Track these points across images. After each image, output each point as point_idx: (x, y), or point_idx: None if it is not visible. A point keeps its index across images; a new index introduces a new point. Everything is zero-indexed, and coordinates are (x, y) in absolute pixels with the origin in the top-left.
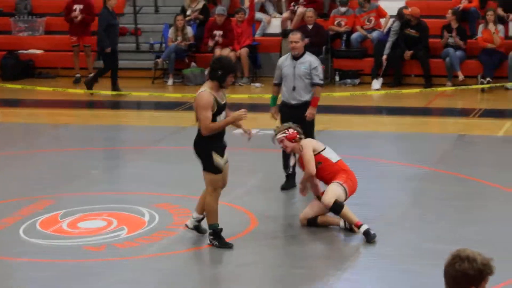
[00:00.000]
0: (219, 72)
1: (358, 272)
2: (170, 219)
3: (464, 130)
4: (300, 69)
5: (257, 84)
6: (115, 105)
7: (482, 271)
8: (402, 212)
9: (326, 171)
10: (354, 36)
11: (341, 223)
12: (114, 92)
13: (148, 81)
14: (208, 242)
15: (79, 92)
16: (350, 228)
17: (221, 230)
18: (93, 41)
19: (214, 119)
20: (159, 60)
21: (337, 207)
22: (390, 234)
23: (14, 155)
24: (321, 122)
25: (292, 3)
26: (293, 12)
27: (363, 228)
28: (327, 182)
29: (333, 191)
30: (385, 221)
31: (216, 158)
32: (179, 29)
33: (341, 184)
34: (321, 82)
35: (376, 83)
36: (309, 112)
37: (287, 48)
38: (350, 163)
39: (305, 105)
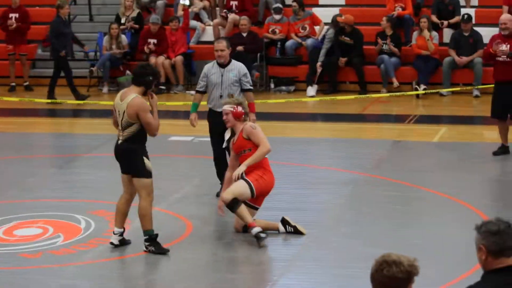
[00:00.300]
0: (150, 78)
1: (294, 277)
2: (106, 226)
3: (400, 136)
4: (229, 76)
5: (192, 92)
6: (50, 113)
7: (410, 272)
8: (337, 217)
9: None
10: (288, 43)
11: (280, 227)
12: (49, 100)
13: (83, 89)
14: (144, 248)
15: (14, 100)
16: (295, 231)
17: (156, 235)
18: (29, 49)
19: None
20: (94, 68)
21: (233, 205)
22: (326, 239)
23: None
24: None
25: (224, 10)
26: (225, 18)
27: (255, 230)
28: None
29: (236, 188)
30: (321, 226)
31: (148, 162)
32: (113, 37)
33: (249, 183)
34: (252, 87)
35: (311, 90)
36: (252, 118)
37: None
38: (285, 169)
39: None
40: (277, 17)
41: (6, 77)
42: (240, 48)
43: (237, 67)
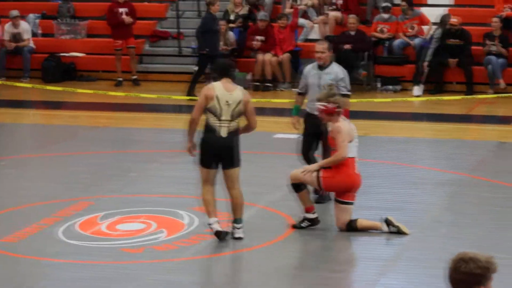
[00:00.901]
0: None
1: (393, 277)
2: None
3: (504, 138)
4: (325, 79)
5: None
6: (155, 108)
7: (488, 268)
8: (438, 217)
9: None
10: (396, 42)
11: (383, 227)
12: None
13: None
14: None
15: (120, 94)
16: (398, 231)
17: None
18: (137, 44)
19: None
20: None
21: (296, 187)
22: (426, 239)
23: (55, 157)
24: (361, 127)
25: (329, 8)
26: (327, 16)
27: (307, 216)
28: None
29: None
30: (421, 226)
31: None
32: (221, 34)
33: (318, 176)
34: (349, 93)
35: (417, 90)
36: None
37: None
38: (388, 168)
39: None
40: (386, 16)
41: (112, 71)
42: (347, 46)
43: (335, 71)
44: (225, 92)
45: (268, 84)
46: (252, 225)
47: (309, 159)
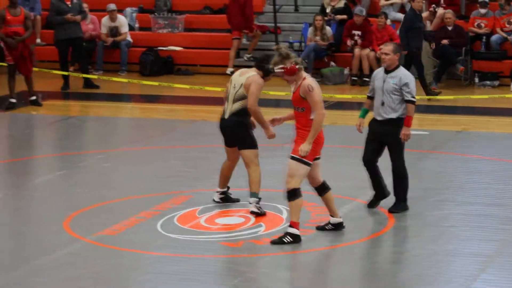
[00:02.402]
0: (270, 67)
1: (494, 273)
2: (308, 216)
3: None
4: (389, 83)
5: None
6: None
7: None
8: None
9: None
10: (493, 38)
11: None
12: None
13: None
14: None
15: (215, 90)
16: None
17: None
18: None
19: None
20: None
21: (291, 194)
22: None
23: (153, 150)
24: (460, 123)
25: (433, 5)
26: (433, 13)
27: (289, 230)
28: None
29: (293, 172)
30: None
31: (252, 133)
32: (318, 28)
33: (298, 159)
34: (413, 99)
35: None
36: (403, 133)
37: (426, 49)
38: (487, 164)
39: (390, 122)
40: (483, 11)
41: (210, 65)
42: (445, 41)
43: (400, 75)
44: (236, 77)
45: (366, 79)
46: (351, 220)
47: (370, 167)
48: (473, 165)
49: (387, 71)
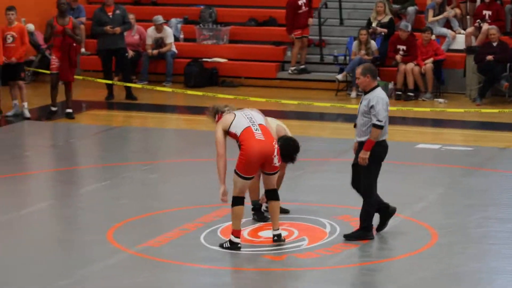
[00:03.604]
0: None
1: None
2: (351, 231)
3: None
4: (362, 104)
5: (441, 100)
6: (299, 115)
7: None
8: None
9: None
10: None
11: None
12: None
13: (332, 93)
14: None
15: (260, 100)
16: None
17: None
18: (280, 49)
19: None
20: (339, 76)
21: (233, 201)
22: None
23: (197, 162)
24: (504, 140)
25: (478, 20)
26: (478, 29)
27: (231, 239)
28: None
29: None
30: None
31: None
32: (362, 42)
33: (235, 171)
34: (378, 123)
35: None
36: (360, 156)
37: (471, 64)
38: None
39: (361, 145)
40: None
41: (254, 78)
42: (489, 57)
43: (370, 97)
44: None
45: (410, 94)
46: (395, 235)
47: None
48: None
49: (365, 93)
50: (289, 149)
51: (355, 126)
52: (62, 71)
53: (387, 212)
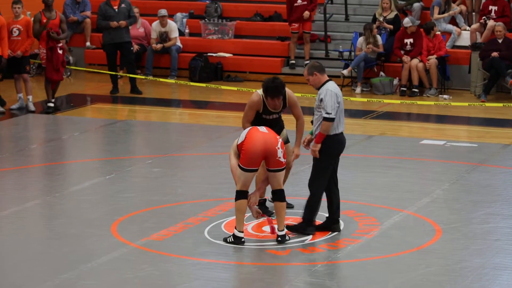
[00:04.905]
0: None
1: None
2: (355, 226)
3: None
4: (316, 100)
5: (446, 96)
6: (303, 110)
7: None
8: None
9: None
10: None
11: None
12: None
13: None
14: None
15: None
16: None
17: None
18: (285, 44)
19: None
20: (345, 72)
21: (236, 195)
22: None
23: (201, 156)
24: (508, 136)
25: (483, 17)
26: (483, 25)
27: (235, 233)
28: None
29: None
30: None
31: None
32: (371, 36)
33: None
34: (327, 115)
35: None
36: (311, 148)
37: (476, 61)
38: None
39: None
40: None
41: (259, 73)
42: (495, 54)
43: (320, 91)
44: None
45: (415, 90)
46: (399, 231)
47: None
48: None
49: (318, 89)
50: (272, 80)
51: (312, 122)
52: (48, 70)
53: (330, 224)
